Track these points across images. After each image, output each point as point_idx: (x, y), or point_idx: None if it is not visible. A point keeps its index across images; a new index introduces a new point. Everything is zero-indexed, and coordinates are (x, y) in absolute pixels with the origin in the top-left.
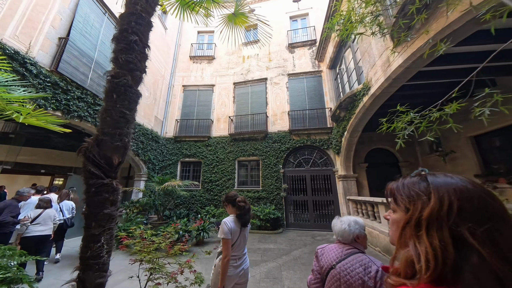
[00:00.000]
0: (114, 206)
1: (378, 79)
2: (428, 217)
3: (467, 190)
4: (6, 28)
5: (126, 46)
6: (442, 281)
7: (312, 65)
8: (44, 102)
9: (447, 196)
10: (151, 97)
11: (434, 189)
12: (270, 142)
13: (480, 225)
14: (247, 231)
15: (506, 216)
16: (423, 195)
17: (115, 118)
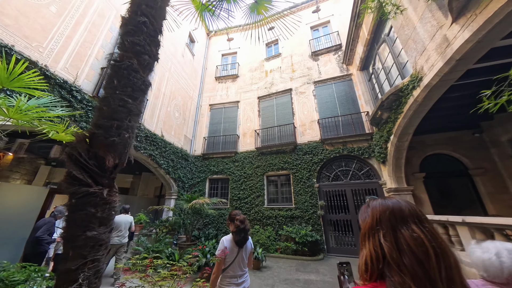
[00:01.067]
0: (105, 227)
1: (433, 65)
2: (368, 230)
3: (386, 206)
4: (59, 62)
5: (133, 28)
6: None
7: (340, 70)
8: (86, 124)
9: (376, 212)
10: (180, 117)
11: (371, 210)
12: (300, 154)
13: (386, 228)
14: (245, 251)
15: (408, 220)
16: (366, 217)
17: (113, 107)
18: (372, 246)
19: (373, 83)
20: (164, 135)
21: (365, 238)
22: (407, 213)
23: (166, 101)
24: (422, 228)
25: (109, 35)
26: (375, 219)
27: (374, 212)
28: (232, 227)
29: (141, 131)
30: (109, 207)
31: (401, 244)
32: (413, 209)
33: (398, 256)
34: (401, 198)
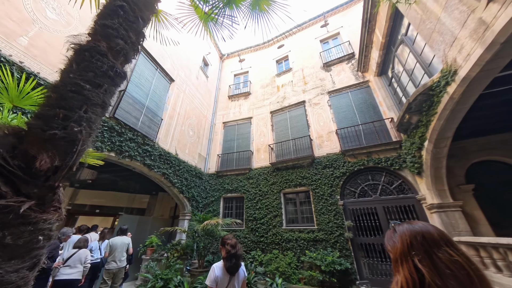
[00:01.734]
0: (19, 260)
1: (469, 54)
2: (399, 255)
3: (416, 231)
4: None
5: (107, 12)
6: None
7: (355, 78)
8: (101, 144)
9: (405, 237)
10: (195, 136)
11: (398, 235)
12: (319, 168)
13: (421, 253)
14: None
15: (440, 243)
16: (395, 242)
17: (62, 93)
18: (407, 272)
19: (395, 88)
20: (178, 153)
21: (397, 264)
22: (437, 237)
23: (180, 120)
24: (457, 251)
25: None
26: (406, 244)
27: (403, 237)
28: (223, 253)
29: (154, 149)
30: (33, 229)
31: (441, 268)
32: (441, 233)
33: (441, 280)
34: (447, 215)
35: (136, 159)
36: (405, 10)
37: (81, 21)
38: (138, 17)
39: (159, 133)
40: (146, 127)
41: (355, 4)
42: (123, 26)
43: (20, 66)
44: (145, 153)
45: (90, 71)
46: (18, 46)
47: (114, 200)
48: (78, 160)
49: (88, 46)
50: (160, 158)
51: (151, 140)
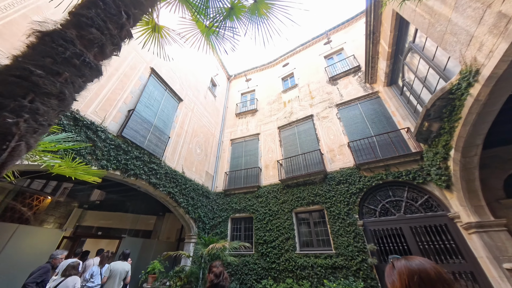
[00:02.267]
0: None
1: (491, 50)
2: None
3: (413, 270)
4: (90, 106)
5: (86, 3)
6: None
7: (363, 89)
8: (106, 163)
9: (403, 276)
10: (202, 153)
11: (397, 273)
12: (332, 184)
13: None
14: None
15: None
16: (394, 280)
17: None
18: None
19: (407, 96)
20: (185, 171)
21: None
22: (434, 276)
23: (188, 138)
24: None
25: (138, 83)
26: (404, 284)
27: (401, 276)
28: (207, 282)
29: (161, 167)
30: None
31: None
32: (438, 272)
33: None
34: (490, 237)
35: (142, 178)
36: (410, 17)
37: None
38: (122, 11)
39: (166, 151)
40: (153, 145)
41: (356, 22)
42: (101, 16)
43: None
44: (151, 171)
45: (48, 57)
46: None
47: (121, 221)
48: (12, 161)
49: (51, 31)
50: (166, 177)
51: (158, 158)
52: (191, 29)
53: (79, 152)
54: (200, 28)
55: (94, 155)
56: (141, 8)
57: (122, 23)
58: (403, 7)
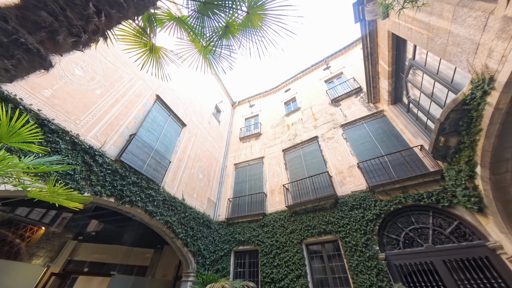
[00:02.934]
0: None
1: (504, 55)
2: None
3: None
4: (91, 131)
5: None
6: None
7: (367, 109)
8: (101, 189)
9: None
10: (204, 179)
11: None
12: (345, 210)
13: None
14: None
15: None
16: None
17: None
18: None
19: (415, 113)
20: (185, 198)
21: None
22: None
23: (190, 163)
24: None
25: (142, 109)
26: None
27: None
28: None
29: (159, 194)
30: None
31: None
32: None
33: None
34: None
35: (137, 205)
36: (407, 35)
37: (104, 77)
38: (90, 4)
39: (166, 176)
40: (153, 170)
41: (352, 48)
42: (59, 3)
43: (36, 113)
44: (148, 198)
45: None
46: (41, 96)
47: (116, 255)
48: None
49: None
50: (164, 204)
51: (156, 184)
52: (189, 49)
53: (72, 177)
54: (197, 48)
55: (89, 180)
56: (120, 10)
57: (88, 15)
58: (398, 26)
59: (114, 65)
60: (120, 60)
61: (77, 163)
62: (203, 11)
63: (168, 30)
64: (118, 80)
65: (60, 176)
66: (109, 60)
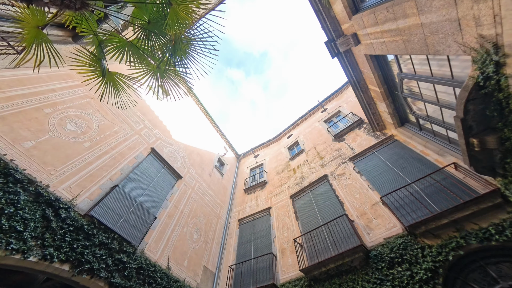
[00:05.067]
0: None
1: (495, 15)
2: None
3: None
4: (65, 182)
5: None
6: None
7: (374, 138)
8: (54, 251)
9: None
10: (200, 240)
11: None
12: (383, 268)
13: None
14: None
15: None
16: None
17: None
18: None
19: (430, 128)
20: (172, 266)
21: None
22: None
23: (183, 220)
24: None
25: (133, 160)
26: None
27: None
28: None
29: (133, 260)
30: None
31: None
32: None
33: None
34: None
35: (99, 275)
36: (383, 50)
37: (98, 131)
38: None
39: (148, 236)
40: (130, 226)
41: (345, 90)
42: None
43: (5, 162)
44: (116, 265)
45: None
46: (19, 148)
47: None
48: None
49: None
50: (138, 274)
51: (132, 246)
52: (144, 72)
53: (20, 234)
54: (152, 69)
55: (41, 239)
56: None
57: None
58: (372, 46)
59: (111, 122)
60: (119, 118)
61: (35, 218)
62: (150, 28)
63: (120, 56)
64: (112, 135)
65: (3, 233)
66: (107, 118)
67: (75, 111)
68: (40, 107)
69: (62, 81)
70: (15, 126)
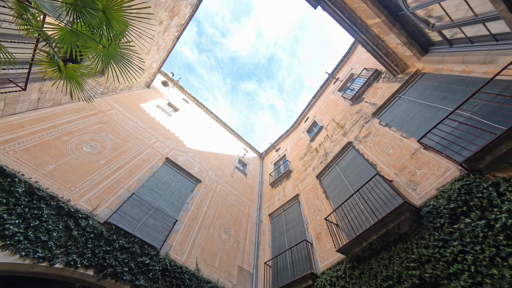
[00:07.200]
0: None
1: None
2: None
3: None
4: (84, 196)
5: None
6: None
7: (397, 82)
8: (77, 258)
9: None
10: (231, 239)
11: None
12: (441, 226)
13: None
14: None
15: None
16: None
17: None
18: None
19: (463, 35)
20: (201, 268)
21: None
22: None
23: (207, 221)
24: None
25: (148, 171)
26: None
27: None
28: None
29: (156, 262)
30: None
31: None
32: None
33: None
34: None
35: (123, 278)
36: None
37: (112, 150)
38: None
39: (171, 239)
40: (150, 230)
41: (353, 51)
42: None
43: (30, 184)
44: (140, 268)
45: None
46: (42, 171)
47: None
48: None
49: None
50: (164, 276)
51: (154, 248)
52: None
53: (45, 244)
54: (100, 51)
55: (65, 247)
56: None
57: None
58: None
59: (124, 140)
60: (130, 136)
61: (58, 229)
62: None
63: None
64: (125, 151)
65: (30, 243)
66: (119, 137)
67: (89, 135)
68: (58, 136)
69: (76, 113)
70: (37, 154)
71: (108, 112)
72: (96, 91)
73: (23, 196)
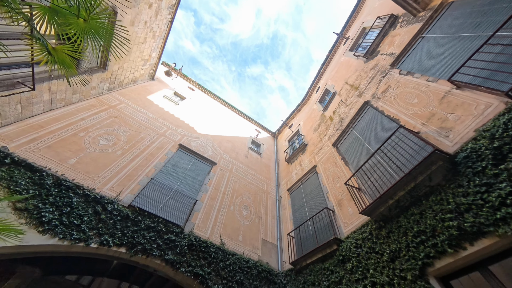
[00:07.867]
0: None
1: None
2: None
3: None
4: (107, 184)
5: None
6: None
7: (418, 22)
8: (108, 238)
9: None
10: (252, 215)
11: None
12: (482, 170)
13: None
14: None
15: None
16: None
17: None
18: None
19: None
20: (226, 242)
21: None
22: None
23: (227, 200)
24: None
25: (163, 158)
26: None
27: None
28: None
29: (182, 238)
30: None
31: None
32: None
33: None
34: None
35: (153, 254)
36: None
37: (126, 141)
38: None
39: (193, 217)
40: (172, 210)
41: (363, 4)
42: None
43: (57, 177)
44: (167, 244)
45: None
46: (66, 165)
47: None
48: None
49: None
50: (191, 251)
51: (178, 226)
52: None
53: (79, 227)
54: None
55: (96, 229)
56: None
57: None
58: None
59: (136, 132)
60: (142, 127)
61: (88, 214)
62: None
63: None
64: (139, 141)
65: (66, 227)
66: (132, 129)
67: (104, 129)
68: (75, 133)
69: (88, 110)
70: (59, 150)
71: (118, 106)
72: (102, 87)
73: (52, 187)
